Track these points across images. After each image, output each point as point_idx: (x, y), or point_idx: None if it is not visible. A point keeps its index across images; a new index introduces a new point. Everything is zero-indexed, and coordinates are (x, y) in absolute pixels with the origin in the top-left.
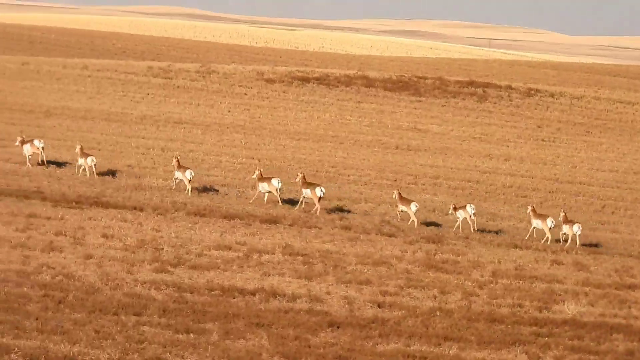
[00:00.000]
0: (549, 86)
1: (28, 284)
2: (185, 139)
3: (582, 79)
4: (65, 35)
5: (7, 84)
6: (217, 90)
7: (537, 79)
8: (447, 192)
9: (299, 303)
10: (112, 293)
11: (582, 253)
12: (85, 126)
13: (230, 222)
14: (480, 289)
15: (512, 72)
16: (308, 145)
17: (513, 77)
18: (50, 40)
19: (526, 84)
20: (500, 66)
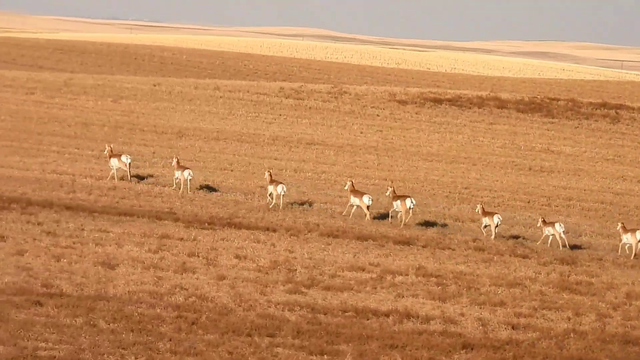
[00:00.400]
0: None
1: (161, 305)
2: (318, 160)
3: None
4: (196, 56)
5: (139, 105)
6: (349, 111)
7: None
8: (580, 213)
9: (432, 324)
10: (245, 314)
11: None
12: (218, 147)
13: (363, 243)
14: (615, 310)
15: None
16: (441, 166)
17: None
18: (181, 61)
19: None
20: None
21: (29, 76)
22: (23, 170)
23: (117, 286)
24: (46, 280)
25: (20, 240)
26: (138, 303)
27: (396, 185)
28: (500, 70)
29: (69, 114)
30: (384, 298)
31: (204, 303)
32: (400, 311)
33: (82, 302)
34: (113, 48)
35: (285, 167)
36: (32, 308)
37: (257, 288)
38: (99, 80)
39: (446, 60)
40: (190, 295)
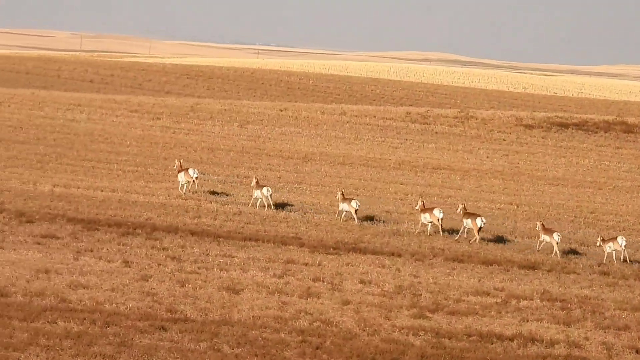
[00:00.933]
0: None
1: (285, 329)
2: (444, 184)
3: None
4: (323, 81)
5: (265, 130)
6: (475, 135)
7: None
8: None
9: (556, 349)
10: (369, 339)
11: None
12: (344, 171)
13: (488, 267)
14: None
15: None
16: (566, 190)
17: None
18: (308, 86)
19: None
20: None
21: (155, 101)
22: (149, 195)
23: (241, 311)
24: (171, 305)
25: (145, 265)
26: (262, 328)
27: (522, 210)
28: (627, 95)
29: (195, 139)
30: (508, 322)
31: (328, 328)
32: (524, 335)
33: (206, 327)
34: (240, 73)
35: (410, 191)
36: (157, 333)
37: (382, 313)
38: (225, 105)
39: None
40: (314, 320)
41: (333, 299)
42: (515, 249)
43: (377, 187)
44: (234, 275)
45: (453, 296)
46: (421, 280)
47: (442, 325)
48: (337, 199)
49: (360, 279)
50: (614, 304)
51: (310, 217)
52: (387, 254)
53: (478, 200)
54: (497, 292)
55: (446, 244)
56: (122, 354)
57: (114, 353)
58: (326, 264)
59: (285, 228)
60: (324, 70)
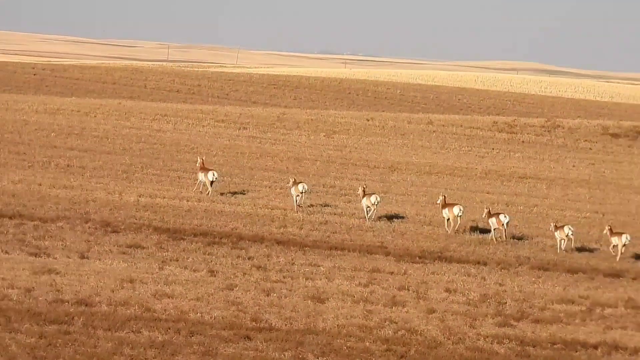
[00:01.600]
0: None
1: (370, 338)
2: (530, 193)
3: None
4: (410, 91)
5: (351, 139)
6: (561, 144)
7: None
8: None
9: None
10: (454, 347)
11: None
12: (430, 181)
13: (573, 276)
14: None
15: None
16: None
17: None
18: (395, 95)
19: None
20: None
21: (242, 111)
22: (234, 205)
23: (326, 320)
24: (255, 314)
25: (230, 274)
26: (347, 337)
27: (607, 219)
28: None
29: (281, 148)
30: (592, 330)
31: (413, 336)
32: (608, 343)
33: (291, 336)
34: (327, 83)
35: (497, 200)
36: (241, 342)
37: (467, 321)
38: (312, 115)
39: None
40: (399, 328)
41: (418, 308)
42: (600, 257)
43: (464, 196)
44: (319, 284)
45: (538, 304)
46: (506, 288)
47: (526, 333)
48: (359, 194)
49: (446, 287)
50: None
51: (396, 226)
52: (473, 262)
53: (564, 209)
54: (582, 300)
55: (532, 253)
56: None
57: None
58: (411, 273)
59: (371, 237)
60: (411, 79)
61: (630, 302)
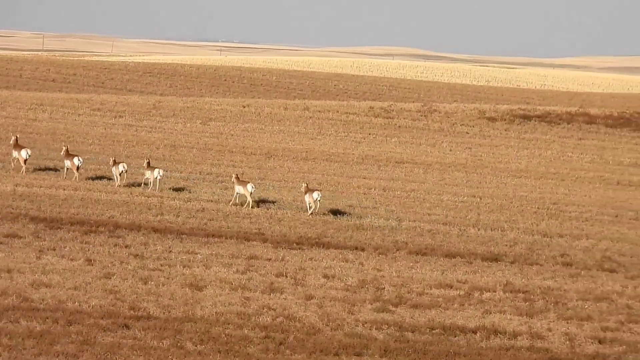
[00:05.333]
0: None
1: (249, 325)
2: (407, 178)
3: None
4: (286, 77)
5: (228, 126)
6: (438, 129)
7: None
8: None
9: (519, 340)
10: (333, 333)
11: None
12: (306, 167)
13: (451, 260)
14: None
15: None
16: (529, 182)
17: None
18: (271, 82)
19: None
20: None
21: (117, 99)
22: (111, 193)
23: (204, 308)
24: (133, 302)
25: (107, 263)
26: (225, 324)
27: (485, 202)
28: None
29: (157, 136)
30: (471, 315)
31: (291, 323)
32: (487, 327)
33: (170, 324)
34: (202, 70)
35: (374, 185)
36: (119, 331)
37: (345, 307)
38: (187, 102)
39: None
40: (277, 315)
41: (296, 294)
42: (478, 242)
43: (340, 181)
44: (197, 271)
45: (416, 289)
46: (384, 274)
47: (405, 318)
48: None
49: (324, 273)
50: (576, 295)
51: (274, 212)
52: (351, 248)
53: (441, 193)
54: (460, 284)
55: (409, 238)
56: (85, 353)
57: (77, 352)
58: (289, 259)
59: (248, 224)
60: (287, 66)
61: (508, 286)
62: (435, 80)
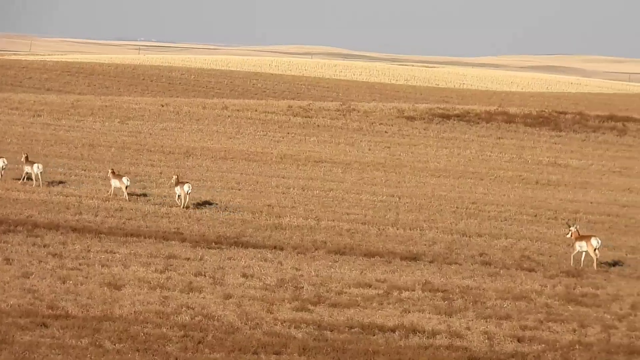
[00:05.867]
0: None
1: (167, 324)
2: (326, 177)
3: None
4: (204, 76)
5: (146, 125)
6: (357, 128)
7: None
8: (586, 226)
9: (438, 339)
10: (251, 332)
11: None
12: (225, 166)
13: (370, 260)
14: (620, 321)
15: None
16: (448, 182)
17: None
18: (189, 81)
19: None
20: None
21: (36, 99)
22: (29, 192)
23: (123, 307)
24: (52, 302)
25: (26, 262)
26: (144, 323)
27: (404, 201)
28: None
29: (75, 135)
30: (390, 314)
31: (210, 322)
32: (406, 326)
33: (88, 323)
34: (121, 69)
35: (292, 185)
36: (38, 330)
37: (264, 306)
38: (106, 101)
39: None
40: (196, 314)
41: (215, 293)
42: (397, 241)
43: (259, 181)
44: (116, 271)
45: (335, 288)
46: (303, 273)
47: (324, 317)
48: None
49: (242, 272)
50: (495, 294)
51: (192, 212)
52: (269, 247)
53: (360, 192)
54: (379, 283)
55: (328, 237)
56: (3, 352)
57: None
58: (208, 259)
59: (166, 223)
60: (205, 65)
61: (427, 285)
62: (354, 79)
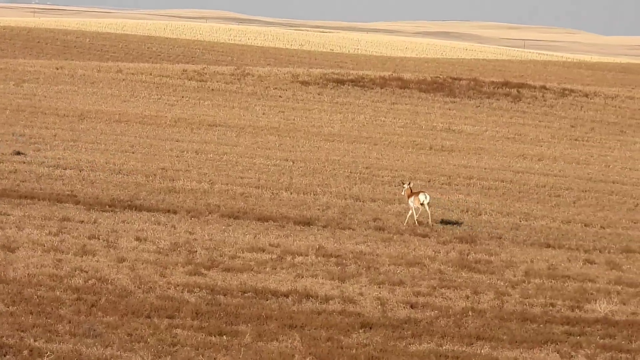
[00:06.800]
0: (583, 86)
1: (61, 287)
2: (220, 141)
3: (616, 79)
4: (99, 39)
5: (41, 88)
6: (251, 92)
7: (571, 79)
8: (480, 192)
9: (331, 304)
10: (145, 296)
11: (615, 252)
12: (119, 129)
13: (264, 224)
14: (513, 288)
15: (547, 73)
16: (342, 146)
17: (547, 78)
18: (84, 44)
19: (560, 84)
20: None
21: None
22: None
23: (16, 269)
24: None
25: None
26: (37, 286)
27: (297, 166)
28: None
29: None
30: (283, 278)
31: (103, 285)
32: (299, 291)
33: None
34: (16, 32)
35: (186, 148)
36: None
37: (157, 270)
38: (1, 64)
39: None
40: (90, 277)
41: (108, 257)
42: (290, 205)
43: (153, 144)
44: (9, 233)
45: (228, 253)
46: (197, 237)
47: (217, 282)
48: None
49: (136, 236)
50: (388, 260)
51: (86, 174)
52: (163, 210)
53: (254, 156)
54: (273, 248)
55: (222, 201)
56: None
57: None
58: (102, 222)
59: (61, 186)
60: (100, 28)
61: (320, 250)
62: (249, 43)
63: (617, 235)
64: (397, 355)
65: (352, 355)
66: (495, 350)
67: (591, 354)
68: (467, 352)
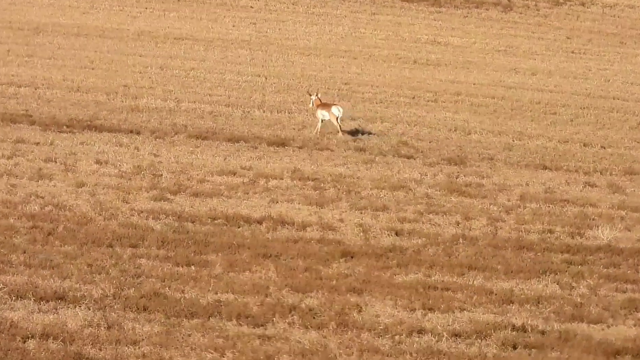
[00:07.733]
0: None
1: (15, 215)
2: (186, 56)
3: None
4: None
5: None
6: (220, 3)
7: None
8: (469, 109)
9: (309, 232)
10: (106, 223)
11: (618, 174)
12: (78, 43)
13: (234, 145)
14: (507, 214)
15: None
16: (319, 61)
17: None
18: None
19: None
20: None
21: None
22: None
23: None
24: None
25: None
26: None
27: (270, 82)
28: None
29: None
30: (256, 204)
31: (61, 212)
32: (274, 218)
33: None
34: None
35: (150, 64)
36: None
37: (119, 195)
38: None
39: None
40: (46, 203)
41: (66, 181)
42: (263, 125)
43: (115, 59)
44: None
45: (196, 176)
46: (162, 159)
47: (184, 207)
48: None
49: (96, 159)
50: (370, 183)
51: (42, 92)
52: (125, 131)
53: (223, 72)
54: (245, 171)
55: (189, 120)
56: None
57: None
58: (59, 143)
59: (14, 105)
60: None
61: (296, 173)
62: None
63: (619, 155)
64: (382, 287)
65: (332, 287)
66: (489, 281)
67: (594, 284)
68: (458, 283)
